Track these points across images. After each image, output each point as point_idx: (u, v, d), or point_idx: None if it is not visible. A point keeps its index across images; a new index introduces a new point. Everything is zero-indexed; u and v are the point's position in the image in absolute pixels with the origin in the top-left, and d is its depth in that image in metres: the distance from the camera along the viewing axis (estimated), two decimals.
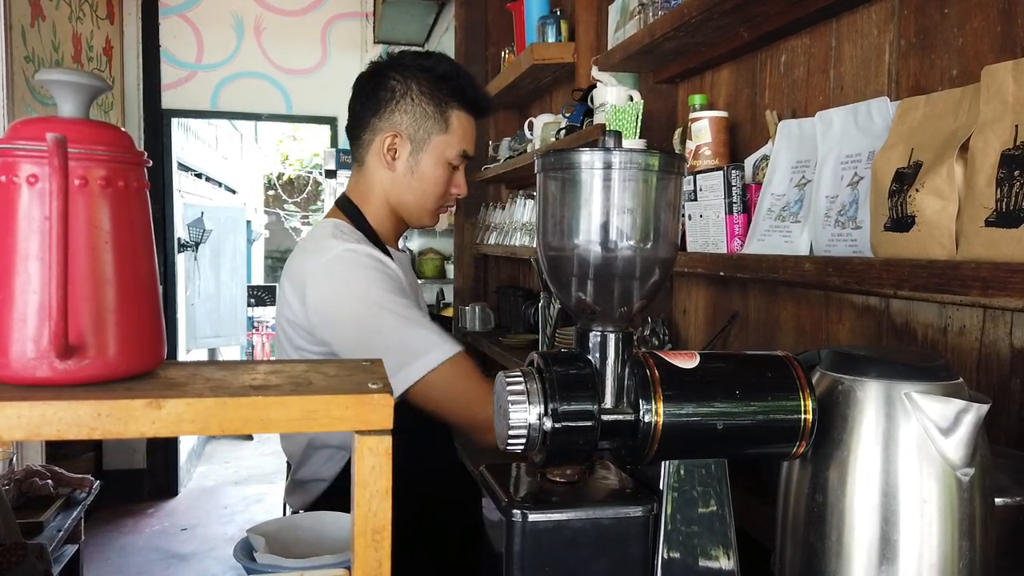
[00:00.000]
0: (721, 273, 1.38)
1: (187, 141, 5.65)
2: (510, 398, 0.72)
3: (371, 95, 1.44)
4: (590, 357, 0.77)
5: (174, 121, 5.12)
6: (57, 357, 0.54)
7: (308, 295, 1.31)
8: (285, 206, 14.20)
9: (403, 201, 1.45)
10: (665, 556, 0.76)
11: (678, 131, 1.81)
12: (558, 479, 0.80)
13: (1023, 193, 0.81)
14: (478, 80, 1.60)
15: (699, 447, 0.77)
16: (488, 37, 3.45)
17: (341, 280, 1.29)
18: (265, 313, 9.06)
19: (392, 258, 1.40)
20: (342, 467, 1.41)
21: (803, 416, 0.76)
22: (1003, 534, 0.77)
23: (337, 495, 1.39)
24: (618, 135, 0.77)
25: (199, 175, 6.72)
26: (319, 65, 5.25)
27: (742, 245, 1.40)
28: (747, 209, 1.41)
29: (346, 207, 1.47)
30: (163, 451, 4.91)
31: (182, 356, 5.48)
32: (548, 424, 0.71)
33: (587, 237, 0.77)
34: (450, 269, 4.96)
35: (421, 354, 1.23)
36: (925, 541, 0.71)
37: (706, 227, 1.48)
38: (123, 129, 0.61)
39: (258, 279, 10.23)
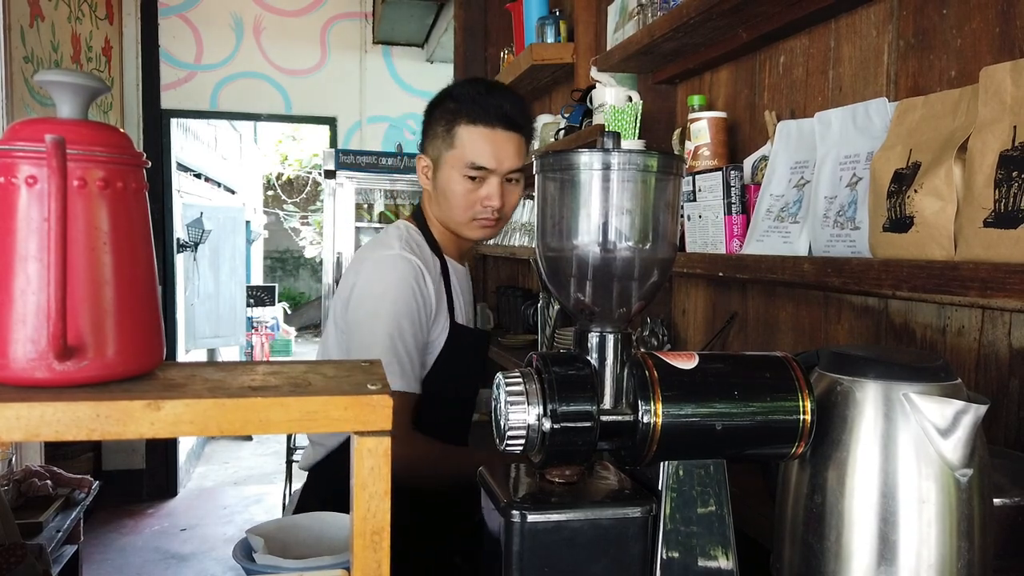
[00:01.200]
0: (720, 274, 1.38)
1: (186, 141, 5.65)
2: (509, 399, 0.72)
3: (422, 125, 1.61)
4: (589, 358, 0.77)
5: (173, 121, 5.12)
6: (56, 358, 0.54)
7: (358, 279, 1.48)
8: (284, 206, 14.19)
9: (440, 216, 1.56)
10: (664, 556, 0.76)
11: (677, 132, 1.81)
12: (557, 480, 0.80)
13: (1021, 194, 0.81)
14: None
15: (698, 448, 0.77)
16: (487, 37, 3.45)
17: (378, 278, 1.45)
18: (264, 313, 9.06)
19: (448, 269, 1.55)
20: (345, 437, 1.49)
21: (802, 417, 0.76)
22: (1002, 534, 0.77)
23: (340, 455, 1.51)
24: (617, 136, 0.77)
25: (198, 175, 6.71)
26: (318, 65, 5.25)
27: (741, 245, 1.40)
28: (746, 209, 1.41)
29: (418, 216, 1.61)
30: (162, 452, 4.91)
31: (181, 356, 5.47)
32: (547, 425, 0.71)
33: (586, 238, 0.77)
34: None
35: None
36: (924, 541, 0.71)
37: (705, 227, 1.48)
38: (122, 130, 0.61)
39: (257, 279, 10.22)
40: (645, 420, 0.73)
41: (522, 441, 0.72)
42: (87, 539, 3.41)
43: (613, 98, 1.92)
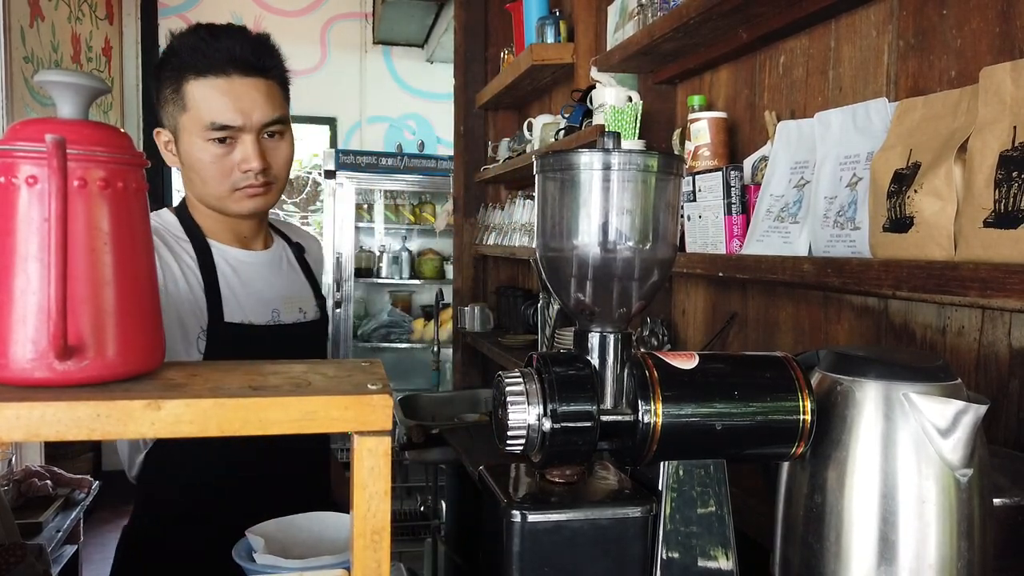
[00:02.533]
0: (720, 274, 1.38)
1: None
2: (509, 399, 0.72)
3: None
4: (589, 358, 0.77)
5: None
6: (56, 358, 0.54)
7: None
8: (284, 206, 14.18)
9: (196, 193, 1.31)
10: (664, 556, 0.76)
11: (677, 132, 1.81)
12: (557, 480, 0.80)
13: (1021, 194, 0.81)
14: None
15: (698, 448, 0.77)
16: (488, 37, 3.44)
17: None
18: None
19: (215, 259, 1.31)
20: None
21: (802, 417, 0.76)
22: (1002, 534, 0.77)
23: (170, 456, 1.34)
24: (617, 136, 0.77)
25: None
26: (318, 66, 5.25)
27: (741, 246, 1.40)
28: (746, 210, 1.41)
29: (181, 203, 1.38)
30: None
31: None
32: (547, 425, 0.71)
33: (586, 238, 0.77)
34: (449, 270, 4.97)
35: None
36: (924, 542, 0.71)
37: (705, 228, 1.48)
38: (122, 130, 0.61)
39: None
40: (645, 420, 0.73)
41: (522, 441, 0.72)
42: (87, 539, 3.40)
43: (613, 98, 1.92)
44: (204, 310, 1.27)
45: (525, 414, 0.71)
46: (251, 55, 1.25)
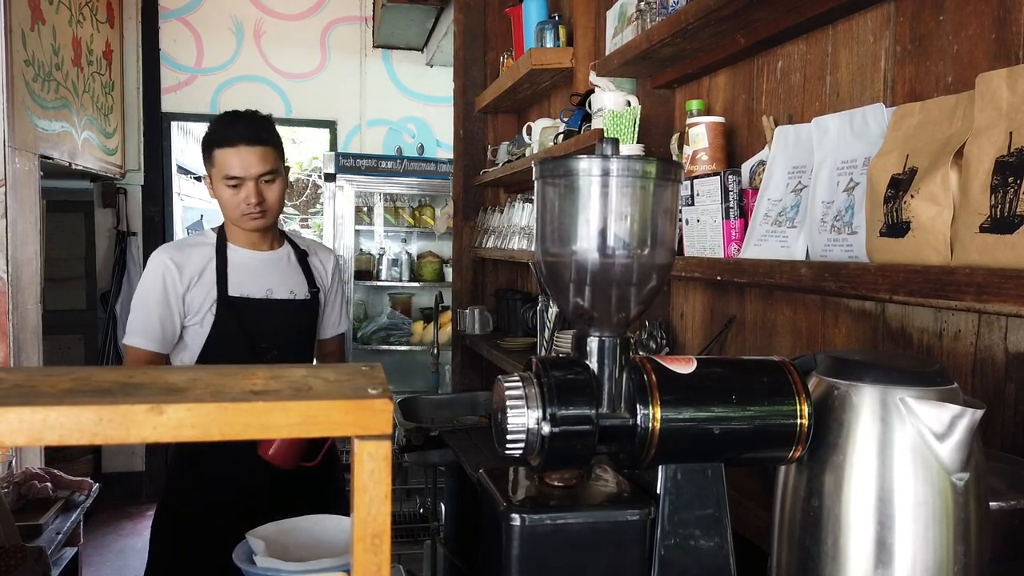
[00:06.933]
0: (718, 277, 1.39)
1: (187, 144, 5.65)
2: (508, 403, 0.72)
3: None
4: (588, 362, 0.78)
5: (174, 124, 5.12)
6: None
7: None
8: (285, 209, 14.16)
9: (224, 216, 2.04)
10: (662, 559, 0.76)
11: (675, 136, 1.82)
12: (556, 483, 0.80)
13: (1017, 199, 0.82)
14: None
15: (696, 451, 0.77)
16: (487, 42, 3.45)
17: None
18: None
19: (228, 253, 2.02)
20: None
21: (799, 421, 0.76)
22: (998, 538, 0.77)
23: None
24: (615, 142, 0.78)
25: (199, 178, 6.71)
26: (318, 69, 5.25)
27: (739, 250, 1.41)
28: (744, 214, 1.42)
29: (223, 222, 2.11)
30: (162, 454, 4.90)
31: None
32: (546, 428, 0.71)
33: (585, 243, 0.77)
34: (449, 272, 4.97)
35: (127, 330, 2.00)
36: (920, 545, 0.72)
37: (703, 232, 1.48)
38: None
39: None
40: (643, 424, 0.74)
41: (521, 444, 0.73)
42: (87, 541, 3.40)
43: (612, 102, 1.93)
44: (215, 287, 1.96)
45: (524, 418, 0.72)
46: (252, 133, 1.94)
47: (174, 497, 1.98)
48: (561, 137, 2.30)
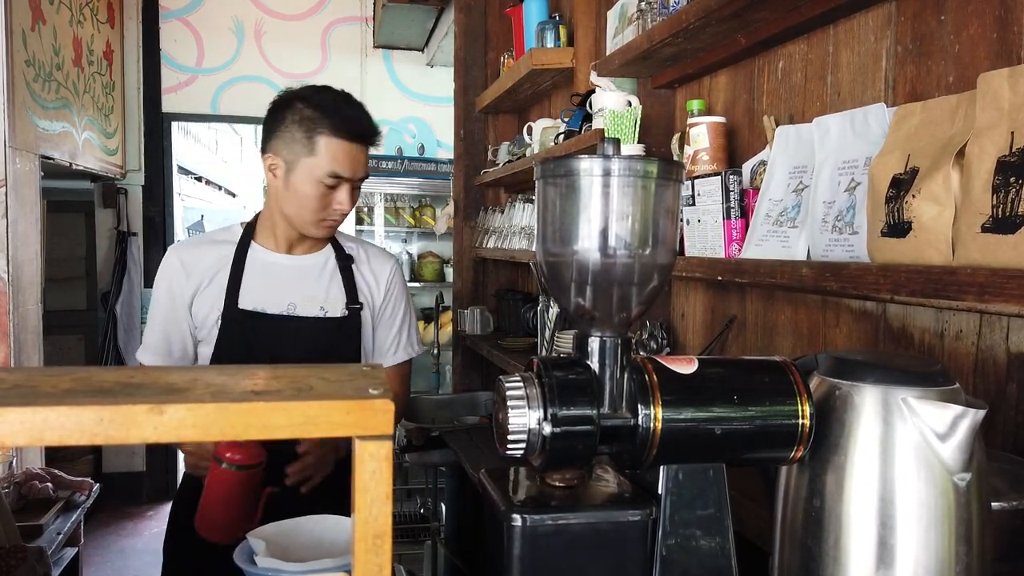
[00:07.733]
0: (719, 278, 1.39)
1: (187, 144, 5.66)
2: (509, 403, 0.72)
3: (267, 122, 1.66)
4: (589, 362, 0.78)
5: (174, 124, 5.13)
6: None
7: None
8: None
9: (285, 211, 1.63)
10: (663, 559, 0.76)
11: (676, 136, 1.82)
12: (557, 483, 0.80)
13: (1019, 199, 0.82)
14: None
15: (697, 452, 0.77)
16: (488, 42, 3.45)
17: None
18: None
19: (248, 256, 1.66)
20: None
21: (801, 421, 0.76)
22: (1000, 538, 0.77)
23: None
24: (616, 142, 0.78)
25: (199, 178, 6.72)
26: (319, 69, 5.25)
27: (740, 250, 1.41)
28: (745, 214, 1.42)
29: (255, 215, 1.74)
30: (162, 454, 4.91)
31: None
32: (547, 429, 0.71)
33: (586, 244, 0.77)
34: (449, 272, 4.97)
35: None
36: (922, 546, 0.71)
37: (704, 232, 1.48)
38: None
39: None
40: (645, 424, 0.73)
41: (523, 445, 0.72)
42: (87, 541, 3.41)
43: (613, 102, 1.93)
44: (223, 297, 1.60)
45: (525, 418, 0.72)
46: (368, 129, 1.63)
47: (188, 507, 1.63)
48: (562, 137, 2.30)
